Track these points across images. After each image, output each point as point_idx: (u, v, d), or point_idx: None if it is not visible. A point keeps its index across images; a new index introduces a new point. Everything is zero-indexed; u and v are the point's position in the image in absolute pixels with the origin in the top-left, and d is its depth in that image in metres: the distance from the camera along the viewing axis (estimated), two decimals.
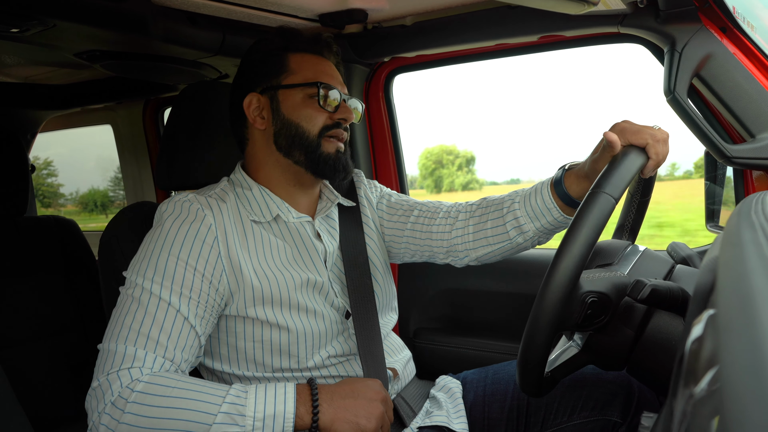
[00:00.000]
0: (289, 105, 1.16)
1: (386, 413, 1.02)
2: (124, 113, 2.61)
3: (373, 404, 0.99)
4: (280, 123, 1.16)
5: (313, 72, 1.17)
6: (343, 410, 0.97)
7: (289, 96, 1.16)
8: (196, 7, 1.35)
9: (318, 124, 1.15)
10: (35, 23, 1.23)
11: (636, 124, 1.02)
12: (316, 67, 1.18)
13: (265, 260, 1.11)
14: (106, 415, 0.89)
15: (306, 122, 1.15)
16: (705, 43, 1.22)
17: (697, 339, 0.44)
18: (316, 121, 1.15)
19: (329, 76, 1.18)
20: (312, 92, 1.15)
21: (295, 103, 1.15)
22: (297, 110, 1.15)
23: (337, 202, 1.26)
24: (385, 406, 1.02)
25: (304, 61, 1.18)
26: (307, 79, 1.16)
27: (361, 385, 1.03)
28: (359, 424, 0.96)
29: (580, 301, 0.88)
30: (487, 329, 1.81)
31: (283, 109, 1.16)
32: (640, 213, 1.18)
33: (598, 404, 1.16)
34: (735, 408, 0.28)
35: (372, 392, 1.02)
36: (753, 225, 0.55)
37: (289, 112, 1.16)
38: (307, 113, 1.15)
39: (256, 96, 1.18)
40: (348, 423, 0.96)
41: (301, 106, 1.15)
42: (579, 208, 0.86)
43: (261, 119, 1.18)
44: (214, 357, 1.12)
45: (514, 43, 1.57)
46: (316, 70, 1.18)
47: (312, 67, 1.18)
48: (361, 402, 0.99)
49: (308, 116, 1.15)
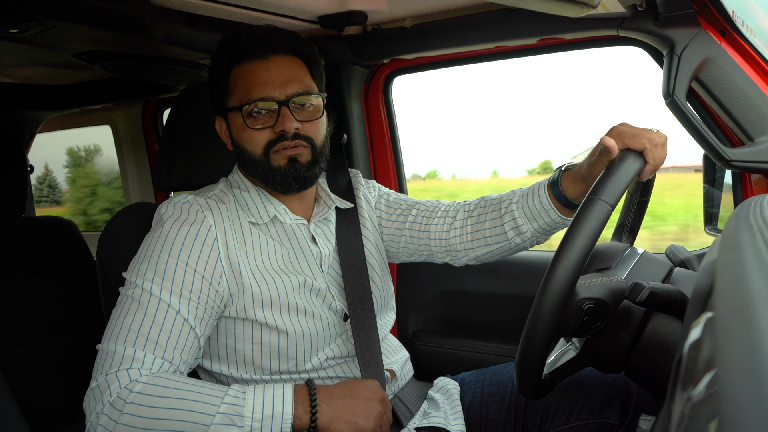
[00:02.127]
0: (234, 128, 1.13)
1: (384, 413, 1.02)
2: (123, 114, 2.61)
3: (371, 404, 0.99)
4: (235, 146, 1.15)
5: (246, 87, 1.10)
6: (341, 410, 0.97)
7: (234, 119, 1.13)
8: (195, 8, 1.35)
9: (260, 144, 1.10)
10: (34, 24, 1.23)
11: (634, 127, 1.01)
12: (249, 79, 1.10)
13: (263, 262, 1.11)
14: (104, 415, 0.89)
15: (248, 144, 1.11)
16: (704, 47, 1.23)
17: (695, 342, 0.44)
18: (257, 142, 1.10)
19: (263, 84, 1.09)
20: (247, 111, 1.09)
21: (238, 126, 1.12)
22: (240, 133, 1.12)
23: (334, 206, 1.25)
24: (384, 406, 1.02)
25: (240, 75, 1.11)
26: (242, 98, 1.10)
27: (359, 385, 1.03)
28: (357, 423, 0.96)
29: (576, 307, 0.88)
30: (486, 331, 1.81)
31: (233, 133, 1.15)
32: (640, 213, 1.18)
33: (596, 407, 1.16)
34: (733, 411, 0.28)
35: (370, 392, 1.02)
36: (751, 228, 0.55)
37: (236, 136, 1.14)
38: (247, 135, 1.11)
39: (220, 119, 1.18)
40: (346, 422, 0.96)
41: (242, 128, 1.11)
42: (575, 215, 0.86)
43: (228, 140, 1.17)
44: (212, 359, 1.12)
45: (513, 45, 1.57)
46: (249, 83, 1.09)
47: (245, 80, 1.10)
48: (359, 402, 0.99)
49: (248, 138, 1.11)
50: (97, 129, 2.77)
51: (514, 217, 1.18)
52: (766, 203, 0.71)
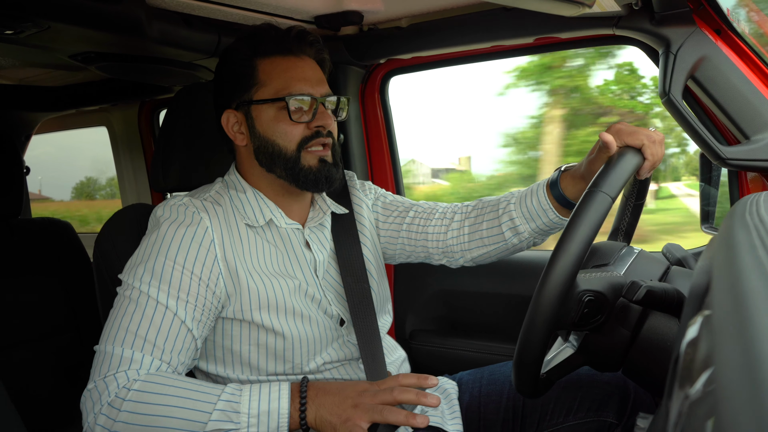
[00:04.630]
0: (262, 121, 1.11)
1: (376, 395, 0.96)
2: (120, 115, 2.60)
3: (360, 397, 0.95)
4: (257, 140, 1.12)
5: (283, 80, 1.10)
6: (326, 406, 0.96)
7: (262, 111, 1.11)
8: (191, 9, 1.35)
9: (295, 139, 1.10)
10: (29, 25, 1.22)
11: (631, 125, 1.02)
12: (286, 74, 1.10)
13: (259, 264, 1.10)
14: (102, 416, 0.89)
15: (282, 139, 1.10)
16: (700, 45, 1.23)
17: (692, 340, 0.44)
18: (292, 137, 1.10)
19: (301, 80, 1.10)
20: (282, 106, 1.09)
21: (269, 119, 1.10)
22: (271, 127, 1.10)
23: (329, 212, 1.24)
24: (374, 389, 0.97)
25: (274, 67, 1.11)
26: (278, 92, 1.09)
27: (351, 383, 1.02)
28: (341, 416, 0.94)
29: (576, 299, 0.88)
30: (483, 330, 1.81)
31: (258, 126, 1.12)
32: (635, 216, 1.18)
33: (594, 405, 1.16)
34: (730, 409, 0.28)
35: (360, 388, 0.99)
36: (747, 227, 0.55)
37: (263, 129, 1.11)
38: (281, 129, 1.10)
39: (232, 113, 1.14)
40: (331, 416, 0.94)
41: (275, 121, 1.10)
42: (576, 206, 0.86)
43: (241, 135, 1.14)
44: (209, 360, 1.12)
45: (509, 45, 1.57)
46: (286, 77, 1.10)
47: (281, 74, 1.10)
48: (347, 395, 0.97)
49: (283, 132, 1.10)
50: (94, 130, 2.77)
51: (512, 218, 1.19)
52: (762, 201, 0.71)
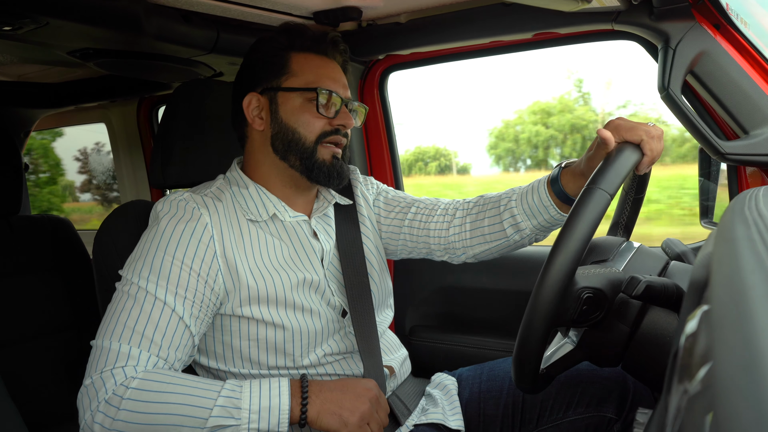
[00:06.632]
0: (287, 108, 1.14)
1: (377, 412, 1.02)
2: (118, 111, 2.59)
3: (360, 399, 1.00)
4: (277, 126, 1.14)
5: (315, 75, 1.14)
6: (329, 402, 0.98)
7: (289, 99, 1.14)
8: (189, 5, 1.34)
9: (315, 131, 1.13)
10: (28, 21, 1.22)
11: (630, 121, 1.02)
12: (319, 70, 1.15)
13: (261, 259, 1.11)
14: (99, 413, 0.89)
15: (303, 128, 1.13)
16: (699, 40, 1.23)
17: (691, 335, 0.44)
18: (313, 128, 1.13)
19: (331, 80, 1.15)
20: (311, 97, 1.13)
21: (294, 107, 1.13)
22: (295, 115, 1.13)
23: (334, 201, 1.26)
24: (375, 405, 1.02)
25: (307, 62, 1.15)
26: (308, 83, 1.13)
27: (353, 381, 1.04)
28: (342, 415, 0.97)
29: (575, 296, 0.88)
30: (483, 326, 1.81)
31: (281, 113, 1.14)
32: (635, 210, 1.18)
33: (594, 401, 1.16)
34: (729, 404, 0.28)
35: (362, 389, 1.02)
36: (746, 221, 0.55)
37: (287, 116, 1.14)
38: (305, 119, 1.13)
39: (255, 96, 1.16)
40: (332, 414, 0.97)
41: (300, 110, 1.13)
42: (574, 203, 0.86)
43: (260, 120, 1.16)
44: (209, 355, 1.12)
45: (508, 40, 1.56)
46: (318, 72, 1.15)
47: (314, 69, 1.15)
48: (348, 396, 1.00)
49: (306, 122, 1.13)
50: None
51: (513, 215, 1.19)
52: (761, 196, 0.71)
